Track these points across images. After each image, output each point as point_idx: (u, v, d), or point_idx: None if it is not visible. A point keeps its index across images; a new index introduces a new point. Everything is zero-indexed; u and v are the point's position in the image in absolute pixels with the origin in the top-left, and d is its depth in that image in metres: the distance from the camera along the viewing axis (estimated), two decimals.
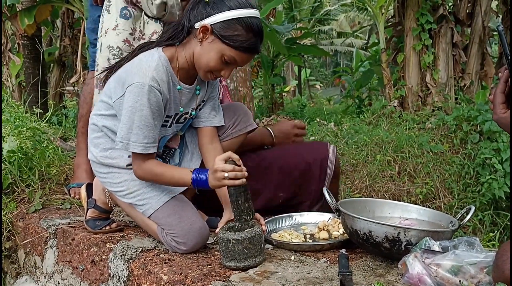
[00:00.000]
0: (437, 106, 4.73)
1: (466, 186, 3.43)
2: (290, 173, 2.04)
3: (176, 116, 1.70)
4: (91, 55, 2.49)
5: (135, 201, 1.66)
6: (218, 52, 1.55)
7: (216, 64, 1.57)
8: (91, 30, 2.46)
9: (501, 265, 1.10)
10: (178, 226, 1.59)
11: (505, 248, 1.13)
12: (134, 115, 1.52)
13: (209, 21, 1.54)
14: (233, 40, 1.53)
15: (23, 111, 3.55)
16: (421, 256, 1.32)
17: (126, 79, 1.55)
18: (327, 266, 1.52)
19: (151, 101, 1.52)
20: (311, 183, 2.05)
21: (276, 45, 7.93)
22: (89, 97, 2.43)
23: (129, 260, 1.64)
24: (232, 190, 1.50)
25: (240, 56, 1.56)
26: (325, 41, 22.48)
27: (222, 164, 1.49)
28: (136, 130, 1.53)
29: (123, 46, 2.17)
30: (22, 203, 2.37)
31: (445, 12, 4.89)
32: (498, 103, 1.08)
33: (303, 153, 2.07)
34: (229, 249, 1.45)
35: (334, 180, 2.08)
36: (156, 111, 1.55)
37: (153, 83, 1.53)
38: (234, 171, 1.48)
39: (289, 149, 2.12)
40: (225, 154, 1.53)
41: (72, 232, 1.93)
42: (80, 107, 2.54)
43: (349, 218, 1.52)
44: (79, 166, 2.45)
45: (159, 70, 1.56)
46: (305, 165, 2.04)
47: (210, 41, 1.56)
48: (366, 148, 3.70)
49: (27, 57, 6.42)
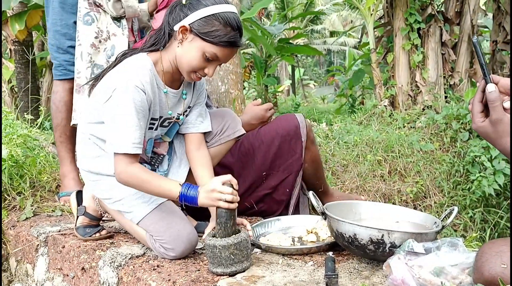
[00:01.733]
0: (427, 105, 4.76)
1: (456, 184, 3.45)
2: (268, 151, 2.17)
3: (161, 119, 1.71)
4: (60, 63, 2.40)
5: (124, 208, 1.68)
6: (199, 50, 1.57)
7: (198, 62, 1.59)
8: (62, 34, 2.35)
9: (480, 267, 1.12)
10: (166, 233, 1.61)
11: (484, 250, 1.15)
12: (120, 116, 1.53)
13: (187, 21, 1.57)
14: (212, 36, 1.55)
15: (14, 118, 3.56)
16: (405, 258, 1.34)
17: (112, 84, 1.57)
18: (314, 269, 1.53)
19: (135, 100, 1.53)
20: (290, 154, 2.17)
21: (267, 46, 7.95)
22: (61, 105, 2.41)
23: (119, 267, 1.66)
24: (224, 212, 1.50)
25: (221, 51, 1.58)
26: (318, 40, 22.52)
27: (221, 185, 1.50)
28: (122, 130, 1.53)
29: (91, 51, 2.24)
30: (13, 211, 2.37)
31: (433, 11, 4.93)
32: (476, 112, 1.10)
33: (275, 128, 2.19)
34: (216, 255, 1.46)
35: (310, 144, 2.20)
36: (141, 111, 1.55)
37: (137, 83, 1.54)
38: (232, 195, 1.49)
39: (261, 129, 2.22)
40: (224, 176, 1.53)
41: (62, 239, 1.94)
42: (53, 117, 2.46)
43: (335, 221, 1.54)
44: (66, 175, 2.45)
45: (143, 72, 1.58)
46: (280, 139, 2.17)
47: (190, 40, 1.58)
48: (357, 148, 3.71)
49: (19, 63, 6.41)
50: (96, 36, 2.25)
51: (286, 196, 2.19)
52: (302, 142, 2.17)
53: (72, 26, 2.33)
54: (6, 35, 6.40)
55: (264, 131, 2.20)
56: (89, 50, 2.24)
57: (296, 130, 2.17)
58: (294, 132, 2.16)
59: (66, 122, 2.42)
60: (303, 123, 2.18)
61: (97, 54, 2.27)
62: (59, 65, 2.40)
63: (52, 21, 2.37)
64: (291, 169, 2.18)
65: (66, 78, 2.40)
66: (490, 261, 1.09)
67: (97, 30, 2.25)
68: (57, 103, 2.43)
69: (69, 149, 2.46)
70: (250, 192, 2.17)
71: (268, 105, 2.20)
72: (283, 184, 2.18)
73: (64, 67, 2.39)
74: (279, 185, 2.18)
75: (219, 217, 1.51)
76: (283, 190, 2.18)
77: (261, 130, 2.22)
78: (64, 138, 2.45)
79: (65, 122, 2.42)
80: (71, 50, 2.34)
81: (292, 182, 2.18)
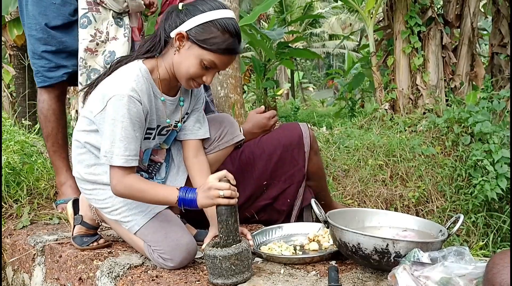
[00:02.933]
0: (428, 108, 4.73)
1: (458, 188, 3.42)
2: (269, 160, 2.11)
3: (158, 128, 1.68)
4: (38, 69, 2.28)
5: (121, 218, 1.64)
6: (197, 58, 1.53)
7: (196, 70, 1.54)
8: (37, 39, 2.22)
9: (491, 279, 1.09)
10: (164, 243, 1.57)
11: (495, 261, 1.12)
12: (115, 127, 1.48)
13: (184, 27, 1.52)
14: (210, 43, 1.50)
15: (12, 124, 3.52)
16: (410, 268, 1.31)
17: (106, 93, 1.52)
18: (317, 279, 1.50)
19: (131, 111, 1.49)
20: (292, 164, 2.12)
21: (266, 51, 7.94)
22: (50, 114, 2.33)
23: (116, 278, 1.62)
24: (224, 209, 1.46)
25: (220, 59, 1.53)
26: (317, 43, 22.53)
27: (217, 182, 1.46)
28: (118, 142, 1.48)
29: (85, 56, 2.15)
30: (10, 219, 2.34)
31: (433, 14, 4.91)
32: None
33: (278, 138, 2.14)
34: (216, 266, 1.42)
35: (313, 154, 2.14)
36: (137, 123, 1.51)
37: (133, 93, 1.49)
38: (230, 190, 1.45)
39: (263, 138, 2.17)
40: (220, 172, 1.49)
41: (59, 249, 1.90)
42: (43, 126, 2.36)
43: (338, 230, 1.50)
44: (63, 183, 2.39)
45: (139, 81, 1.53)
46: (283, 149, 2.11)
47: (187, 47, 1.53)
48: (358, 153, 3.68)
49: (17, 68, 6.39)
50: (92, 39, 2.15)
51: (286, 207, 2.13)
52: (305, 152, 2.11)
53: (46, 30, 2.20)
54: (5, 40, 6.38)
55: (266, 140, 2.15)
56: (82, 54, 2.15)
57: (299, 140, 2.11)
58: (297, 142, 2.10)
59: (57, 131, 2.35)
60: (306, 133, 2.12)
61: (94, 58, 2.17)
62: (37, 72, 2.29)
63: (27, 25, 2.26)
64: (292, 180, 2.12)
65: (46, 85, 2.30)
66: (502, 272, 1.06)
67: (93, 32, 2.15)
68: (45, 112, 2.34)
69: (63, 157, 2.39)
70: (250, 203, 2.12)
71: (271, 113, 2.15)
72: (284, 195, 2.12)
73: (41, 74, 2.28)
74: (280, 195, 2.13)
75: (220, 215, 1.47)
76: (283, 200, 2.13)
77: (263, 138, 2.16)
78: (57, 147, 2.37)
79: (56, 131, 2.35)
80: (46, 55, 2.23)
81: (293, 193, 2.12)
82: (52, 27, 2.21)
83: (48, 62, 2.25)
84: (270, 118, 2.15)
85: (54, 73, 2.27)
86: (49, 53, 2.23)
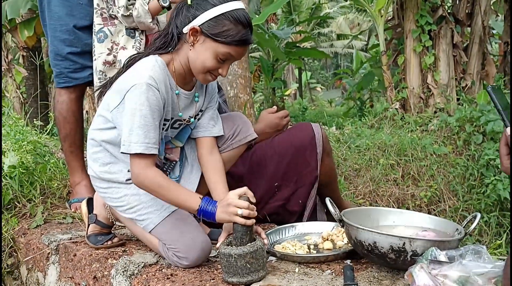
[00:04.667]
0: (439, 107, 4.70)
1: (470, 188, 3.40)
2: (281, 161, 2.08)
3: (172, 120, 1.68)
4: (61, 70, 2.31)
5: (136, 216, 1.64)
6: (212, 52, 1.53)
7: (213, 64, 1.55)
8: (61, 41, 2.26)
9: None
10: (179, 241, 1.57)
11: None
12: (134, 116, 1.48)
13: (196, 22, 1.53)
14: (224, 36, 1.51)
15: (24, 125, 3.55)
16: (427, 267, 1.30)
17: (124, 87, 1.53)
18: (332, 278, 1.49)
19: (150, 99, 1.49)
20: (304, 165, 2.08)
21: (275, 50, 7.94)
22: (69, 115, 2.35)
23: (131, 276, 1.62)
24: (240, 227, 1.47)
25: (235, 50, 1.55)
26: (325, 43, 22.48)
27: (237, 199, 1.47)
28: (137, 130, 1.48)
29: (104, 68, 2.17)
30: (23, 219, 2.35)
31: (444, 13, 4.87)
32: (503, 155, 1.10)
33: (290, 138, 2.11)
34: (231, 264, 1.42)
35: (326, 156, 2.11)
36: (156, 110, 1.51)
37: (151, 81, 1.50)
38: (248, 210, 1.46)
39: (275, 138, 2.14)
40: (240, 189, 1.50)
41: (73, 247, 1.91)
42: (61, 127, 2.38)
43: (353, 229, 1.49)
44: (77, 183, 2.41)
45: (156, 70, 1.54)
46: (294, 150, 2.08)
47: (201, 42, 1.54)
48: (369, 152, 3.66)
49: (28, 69, 6.46)
50: (109, 52, 2.16)
51: (299, 208, 2.11)
52: (317, 153, 2.07)
53: (73, 32, 2.24)
54: (16, 41, 6.44)
55: (278, 141, 2.12)
56: (101, 67, 2.15)
57: (312, 141, 2.07)
58: (309, 143, 2.07)
59: (75, 132, 2.38)
60: (319, 134, 2.08)
61: (113, 69, 2.17)
62: (60, 73, 2.32)
63: (50, 27, 2.28)
64: (304, 181, 2.09)
65: (69, 86, 2.33)
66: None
67: (110, 45, 2.16)
68: (64, 113, 2.36)
69: (80, 158, 2.42)
70: (262, 204, 2.08)
71: (284, 113, 2.13)
72: (295, 196, 2.10)
73: (65, 75, 2.31)
74: (291, 196, 2.10)
75: (235, 231, 1.48)
76: (295, 201, 2.10)
77: (275, 139, 2.13)
78: (74, 148, 2.40)
79: (74, 131, 2.38)
80: (71, 56, 2.26)
81: (305, 194, 2.09)
82: (79, 28, 2.26)
83: (73, 63, 2.29)
84: (282, 117, 2.13)
85: (79, 74, 2.32)
86: (74, 55, 2.28)
